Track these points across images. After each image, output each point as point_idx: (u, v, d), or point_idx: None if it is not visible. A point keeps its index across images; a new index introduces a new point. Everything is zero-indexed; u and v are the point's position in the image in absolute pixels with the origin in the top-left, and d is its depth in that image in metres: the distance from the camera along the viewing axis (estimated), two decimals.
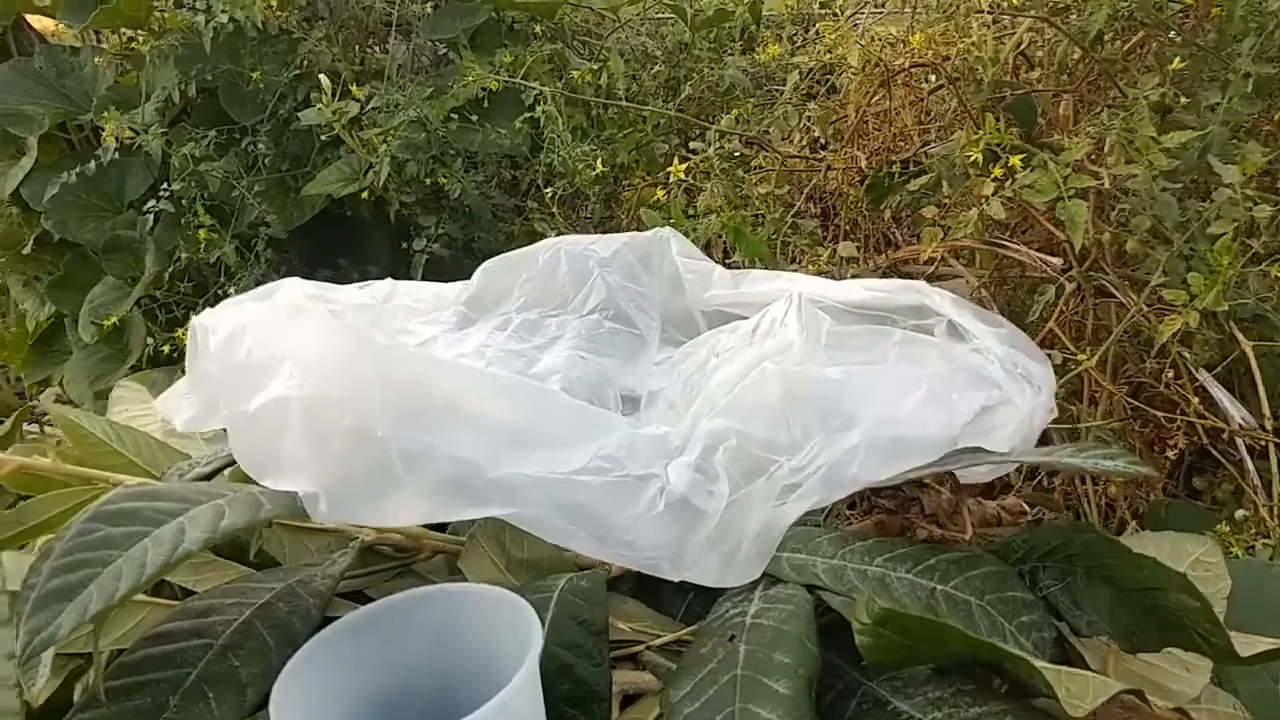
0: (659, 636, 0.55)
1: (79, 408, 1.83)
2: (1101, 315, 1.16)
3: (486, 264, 0.71)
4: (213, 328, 0.53)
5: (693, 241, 1.09)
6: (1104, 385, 1.09)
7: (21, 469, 0.51)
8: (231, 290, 1.61)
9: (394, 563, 0.58)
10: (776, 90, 1.47)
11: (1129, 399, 1.09)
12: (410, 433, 0.45)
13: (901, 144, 1.32)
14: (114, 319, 1.65)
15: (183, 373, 0.60)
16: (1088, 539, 0.56)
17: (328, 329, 0.48)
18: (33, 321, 1.89)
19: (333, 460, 0.46)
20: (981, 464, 0.54)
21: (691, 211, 1.22)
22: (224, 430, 0.51)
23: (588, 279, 0.68)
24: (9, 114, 1.76)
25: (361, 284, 0.68)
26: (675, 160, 1.11)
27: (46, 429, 2.22)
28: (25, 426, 2.19)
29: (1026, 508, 0.61)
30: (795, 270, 1.23)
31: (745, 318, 0.67)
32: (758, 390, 0.51)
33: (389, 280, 0.69)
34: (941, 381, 0.55)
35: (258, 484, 0.48)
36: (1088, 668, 0.54)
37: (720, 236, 1.06)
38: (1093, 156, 1.07)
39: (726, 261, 1.05)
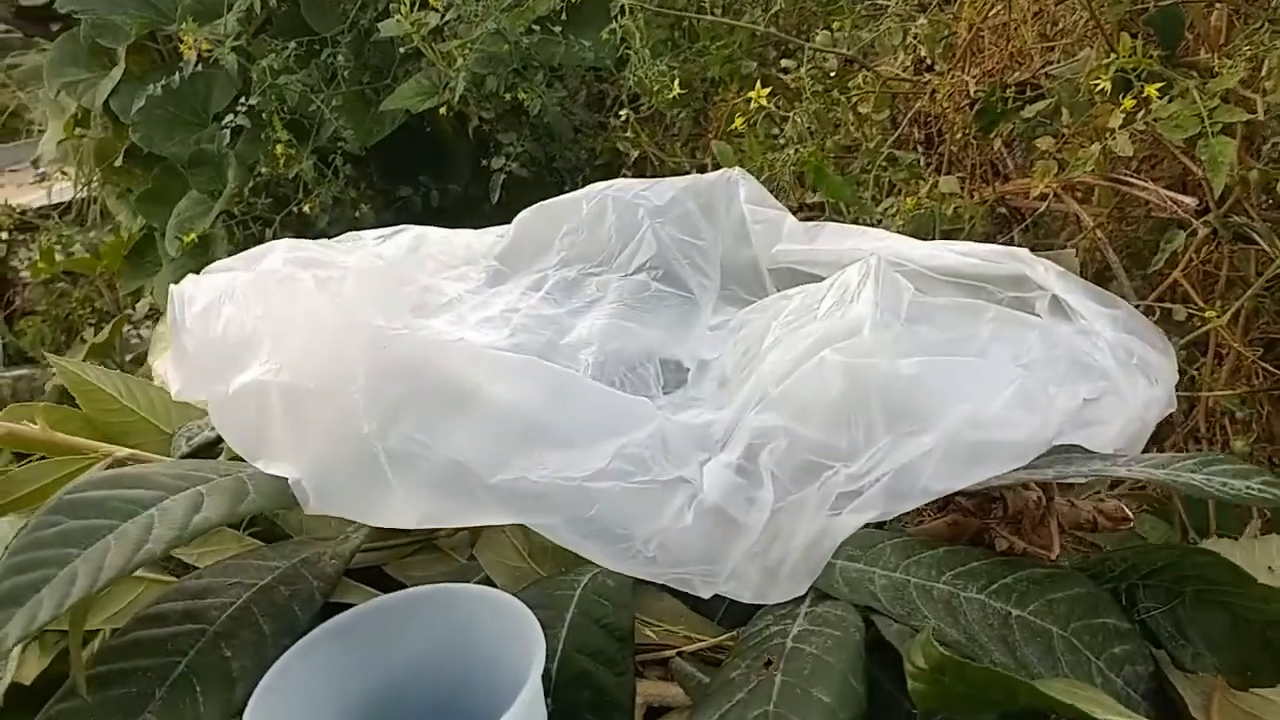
0: (693, 641, 0.49)
1: (165, 317, 1.86)
2: (1238, 264, 1.03)
3: (524, 213, 0.64)
4: (190, 297, 0.48)
5: (773, 178, 1.00)
6: (1234, 345, 0.97)
7: (9, 435, 0.48)
8: (307, 208, 1.59)
9: (414, 538, 0.54)
10: (884, 2, 1.34)
11: (1261, 363, 0.97)
12: (400, 429, 0.40)
13: (1019, 64, 1.19)
14: (195, 233, 1.65)
15: None
16: (1203, 561, 0.48)
17: (311, 306, 0.42)
18: (126, 233, 1.92)
19: (316, 455, 0.41)
20: (1078, 472, 0.46)
21: (778, 141, 1.12)
22: None
23: (636, 232, 0.61)
24: (98, 24, 1.76)
25: (390, 231, 0.62)
26: (758, 84, 1.01)
27: (143, 333, 2.29)
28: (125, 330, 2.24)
29: (1129, 513, 0.53)
30: (891, 204, 1.13)
31: (819, 277, 0.59)
32: (815, 383, 0.44)
33: (416, 229, 0.63)
34: (1038, 373, 0.47)
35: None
36: (1186, 710, 0.47)
37: (800, 173, 0.97)
38: (1246, 80, 0.93)
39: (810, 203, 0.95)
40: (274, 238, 1.64)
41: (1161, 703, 0.46)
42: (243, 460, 0.46)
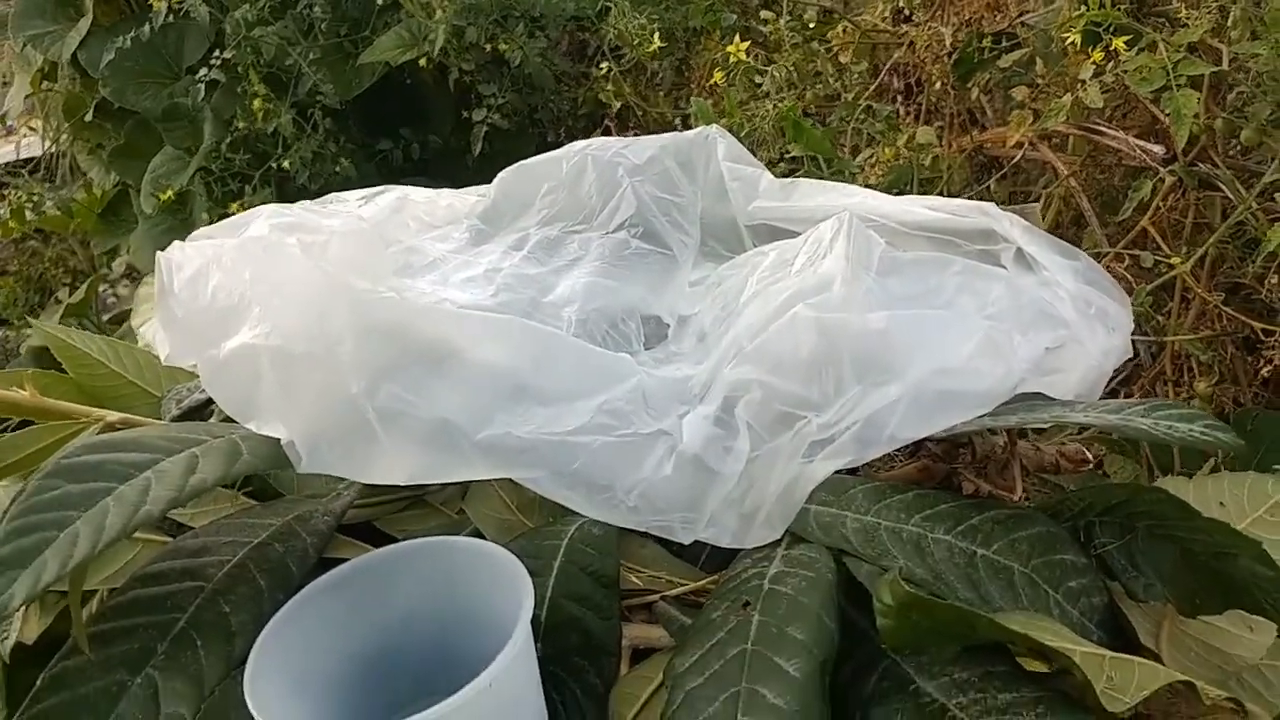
0: (675, 586, 0.52)
1: (148, 278, 1.85)
2: (1204, 210, 1.05)
3: (504, 172, 0.65)
4: (178, 264, 0.49)
5: (753, 132, 1.01)
6: (1198, 291, 0.99)
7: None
8: (287, 163, 1.58)
9: (405, 493, 0.56)
10: None
11: (1224, 307, 0.99)
12: (388, 389, 0.42)
13: (996, 13, 1.20)
14: (173, 190, 1.63)
15: None
16: (1153, 498, 0.51)
17: (298, 271, 0.44)
18: (99, 190, 1.90)
19: (307, 415, 0.42)
20: (1039, 419, 0.48)
21: (759, 91, 1.12)
22: None
23: (616, 190, 0.62)
24: None
25: (373, 192, 0.63)
26: (737, 37, 1.01)
27: (119, 292, 2.27)
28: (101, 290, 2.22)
29: (1088, 455, 0.56)
30: (870, 154, 1.14)
31: (794, 233, 0.61)
32: (788, 338, 0.46)
33: (399, 189, 0.64)
34: (1003, 324, 0.49)
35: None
36: (1138, 636, 0.50)
37: (780, 126, 0.98)
38: (1214, 30, 0.94)
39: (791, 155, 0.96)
40: (254, 193, 1.63)
41: (1114, 631, 0.49)
42: (234, 422, 0.48)
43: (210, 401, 0.55)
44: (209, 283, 0.46)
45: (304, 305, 0.42)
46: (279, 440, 0.44)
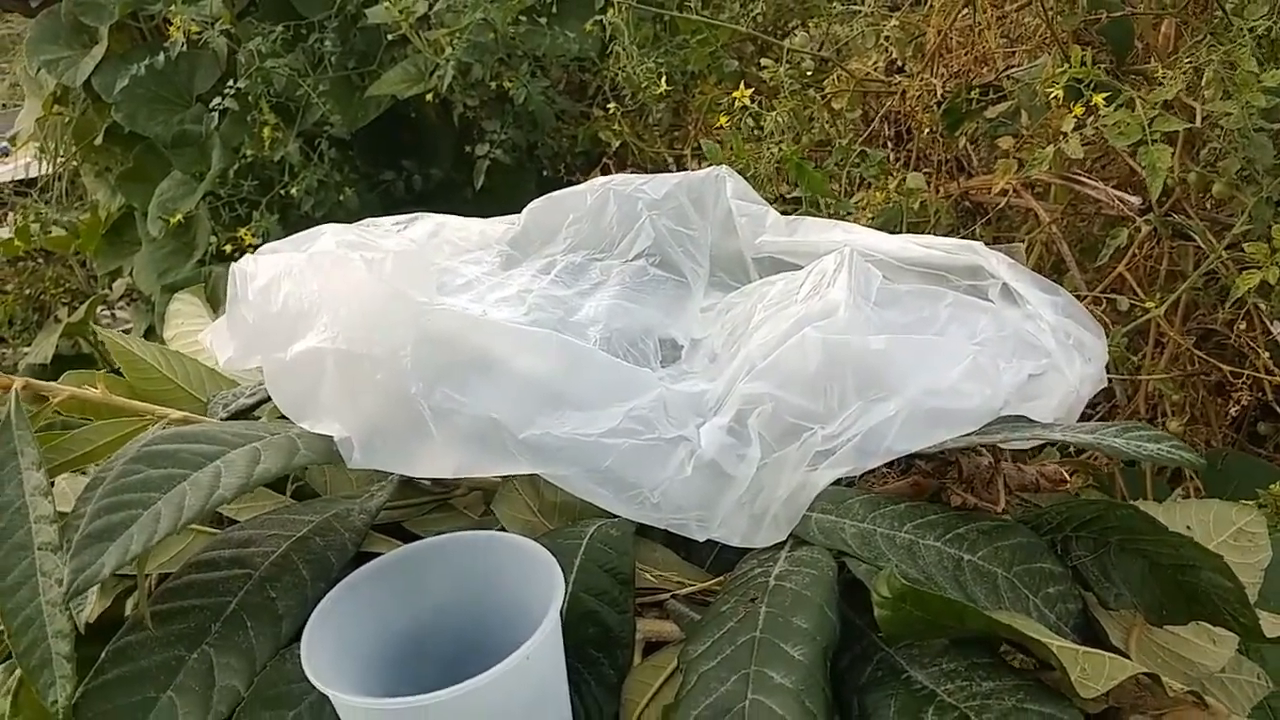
0: (685, 586, 0.56)
1: (149, 299, 1.89)
2: (1177, 259, 1.11)
3: (534, 203, 0.70)
4: (252, 274, 0.53)
5: (755, 174, 1.07)
6: (1171, 335, 1.05)
7: (73, 398, 0.54)
8: (294, 190, 1.63)
9: (431, 497, 0.60)
10: (857, 7, 1.40)
11: (1195, 350, 1.05)
12: (443, 391, 0.46)
13: (983, 66, 1.26)
14: (180, 214, 1.67)
15: None
16: (1124, 514, 0.55)
17: (364, 283, 0.48)
18: (104, 212, 1.94)
19: (366, 412, 0.47)
20: (1021, 437, 0.53)
21: (757, 134, 1.18)
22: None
23: (635, 222, 0.67)
24: (80, 2, 1.77)
25: (407, 219, 0.68)
26: (741, 84, 1.07)
27: (117, 313, 2.30)
28: (99, 311, 2.25)
29: (1066, 475, 0.60)
30: (862, 197, 1.20)
31: (797, 266, 0.66)
32: (797, 356, 0.50)
33: (435, 216, 0.69)
34: (989, 351, 0.54)
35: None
36: (1109, 640, 0.54)
37: (779, 168, 1.03)
38: (1189, 88, 1.00)
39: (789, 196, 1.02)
40: (259, 219, 1.68)
41: (1088, 635, 0.53)
42: (284, 423, 0.52)
43: (256, 406, 0.59)
44: (280, 291, 0.51)
45: (370, 314, 0.47)
46: (331, 438, 0.48)
